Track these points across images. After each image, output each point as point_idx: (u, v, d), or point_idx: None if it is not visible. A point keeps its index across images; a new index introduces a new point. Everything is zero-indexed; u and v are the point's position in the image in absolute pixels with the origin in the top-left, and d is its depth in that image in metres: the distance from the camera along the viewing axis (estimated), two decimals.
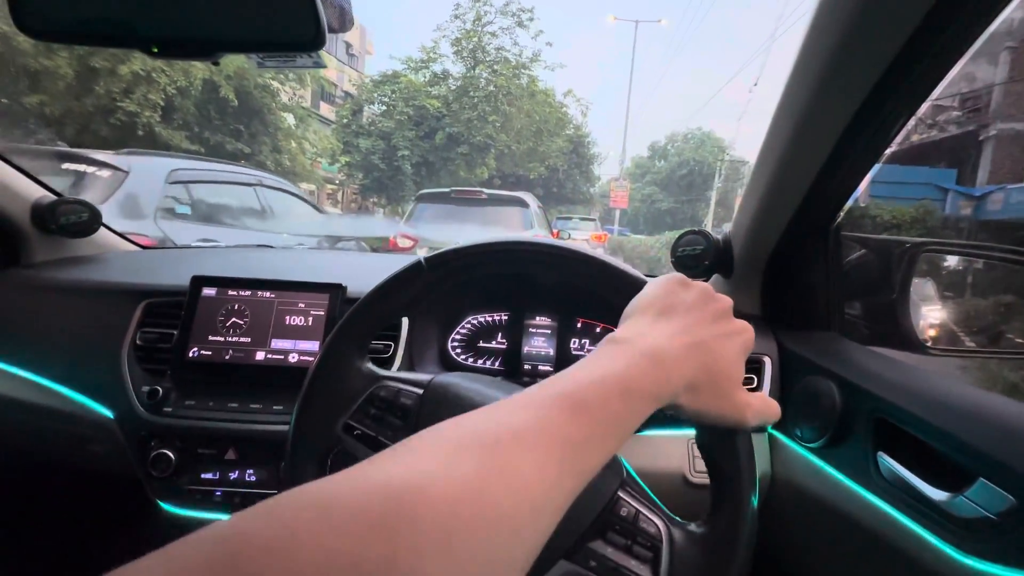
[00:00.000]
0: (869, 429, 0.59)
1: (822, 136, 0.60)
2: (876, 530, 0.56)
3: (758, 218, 0.75)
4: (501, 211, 5.00)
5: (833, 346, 0.74)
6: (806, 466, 0.67)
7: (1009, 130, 11.76)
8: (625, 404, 0.29)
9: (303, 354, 0.81)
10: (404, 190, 14.08)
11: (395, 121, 14.14)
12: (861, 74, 0.53)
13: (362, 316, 0.50)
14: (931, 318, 0.84)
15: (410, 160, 14.01)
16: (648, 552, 0.41)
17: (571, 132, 18.89)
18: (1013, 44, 11.66)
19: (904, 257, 0.72)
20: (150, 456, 0.75)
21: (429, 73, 14.77)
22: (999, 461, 0.45)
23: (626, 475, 0.45)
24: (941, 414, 0.52)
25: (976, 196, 11.59)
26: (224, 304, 0.82)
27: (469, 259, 0.50)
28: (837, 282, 0.77)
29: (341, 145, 14.85)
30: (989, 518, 0.44)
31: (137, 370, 0.81)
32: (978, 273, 0.87)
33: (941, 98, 12.72)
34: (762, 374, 0.77)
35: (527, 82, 14.60)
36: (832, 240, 0.75)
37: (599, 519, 0.42)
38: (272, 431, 0.76)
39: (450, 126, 13.95)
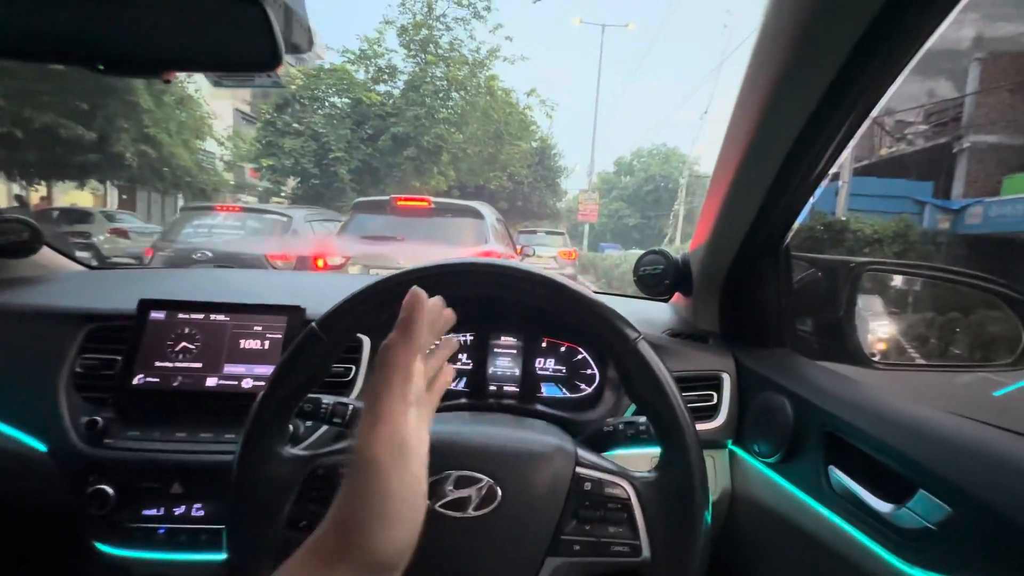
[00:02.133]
0: (820, 443, 0.61)
1: (766, 162, 0.64)
2: (828, 543, 0.58)
3: (713, 239, 0.79)
4: (451, 223, 4.33)
5: (786, 362, 0.77)
6: (764, 481, 0.70)
7: (982, 143, 12.31)
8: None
9: (258, 379, 0.78)
10: (344, 199, 11.72)
11: (324, 117, 12.15)
12: (799, 102, 0.56)
13: (271, 402, 0.47)
14: (878, 333, 0.90)
15: (347, 164, 12.00)
16: (622, 513, 0.45)
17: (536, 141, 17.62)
18: (982, 56, 12.44)
19: (849, 276, 0.77)
20: (87, 492, 0.71)
21: (373, 68, 12.72)
22: (937, 473, 0.47)
23: (578, 454, 0.49)
24: (884, 428, 0.55)
25: (954, 209, 12.06)
26: (174, 328, 0.79)
27: (361, 308, 0.48)
28: (789, 300, 0.81)
29: (259, 146, 12.56)
30: (929, 528, 0.46)
31: (76, 399, 0.76)
32: (919, 291, 0.94)
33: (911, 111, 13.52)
34: (721, 390, 0.80)
35: (485, 79, 12.73)
36: (782, 260, 0.79)
37: (568, 504, 0.45)
38: (222, 461, 0.72)
39: (395, 126, 11.90)
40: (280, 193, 13.80)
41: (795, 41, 0.50)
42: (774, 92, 0.56)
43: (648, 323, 0.94)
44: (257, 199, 16.34)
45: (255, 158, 12.92)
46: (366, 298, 0.48)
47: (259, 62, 0.58)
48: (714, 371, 0.81)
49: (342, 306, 0.48)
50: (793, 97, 0.56)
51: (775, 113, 0.58)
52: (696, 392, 0.80)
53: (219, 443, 0.74)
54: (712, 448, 0.78)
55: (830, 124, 0.58)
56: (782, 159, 0.63)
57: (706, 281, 0.87)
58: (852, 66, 0.50)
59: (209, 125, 10.83)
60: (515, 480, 0.47)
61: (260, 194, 15.17)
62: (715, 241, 0.79)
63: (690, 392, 0.79)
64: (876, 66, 0.50)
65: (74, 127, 7.56)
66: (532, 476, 0.47)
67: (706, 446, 0.77)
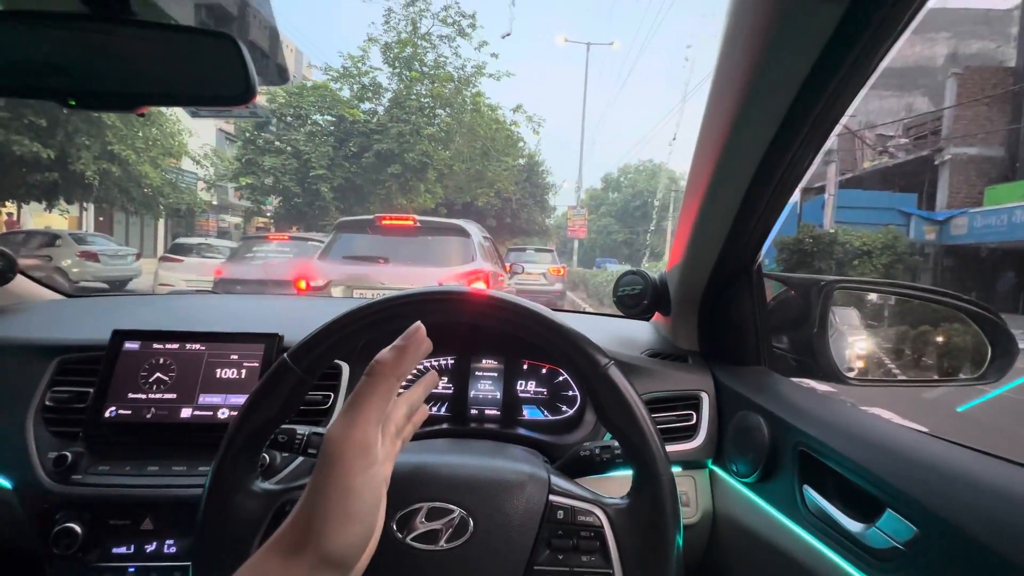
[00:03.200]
0: (795, 462, 0.63)
1: (733, 185, 0.67)
2: (804, 563, 0.59)
3: (687, 260, 0.81)
4: (437, 242, 4.24)
5: (762, 380, 0.79)
6: (743, 500, 0.71)
7: (963, 155, 12.75)
8: None
9: (233, 409, 0.78)
10: (327, 218, 11.96)
11: (306, 134, 12.07)
12: (760, 126, 0.58)
13: (241, 436, 0.47)
14: (851, 350, 0.93)
15: (330, 182, 12.00)
16: (594, 541, 0.46)
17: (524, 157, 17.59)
18: (958, 71, 12.92)
19: (820, 294, 0.80)
20: (52, 531, 0.69)
21: (357, 86, 12.73)
22: (902, 492, 0.48)
23: (552, 482, 0.50)
24: (853, 446, 0.56)
25: (939, 220, 12.42)
26: (147, 358, 0.79)
27: (329, 340, 0.48)
28: (763, 318, 0.84)
29: (239, 164, 12.42)
30: (897, 548, 0.47)
31: (44, 434, 0.75)
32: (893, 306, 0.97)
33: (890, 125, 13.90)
34: (700, 410, 0.81)
35: (471, 95, 12.76)
36: (755, 279, 0.82)
37: (540, 533, 0.46)
38: (195, 495, 0.71)
39: (379, 143, 11.86)
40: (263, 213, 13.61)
41: (754, 67, 0.52)
42: (736, 117, 0.58)
43: (629, 343, 0.96)
44: (241, 219, 16.19)
45: (234, 176, 12.69)
46: (341, 327, 0.49)
47: (233, 95, 0.59)
48: (693, 391, 0.83)
49: (314, 337, 0.48)
50: (754, 121, 0.58)
51: (738, 137, 0.61)
52: (676, 412, 0.81)
53: (193, 476, 0.74)
54: (692, 468, 0.80)
55: (792, 146, 0.60)
56: (748, 181, 0.65)
57: (683, 300, 0.89)
58: (809, 89, 0.52)
59: (182, 143, 10.47)
60: (487, 510, 0.48)
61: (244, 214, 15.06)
62: (689, 261, 0.82)
63: (670, 412, 0.81)
64: (834, 87, 0.52)
65: (30, 145, 7.17)
66: (504, 505, 0.48)
67: (686, 466, 0.79)
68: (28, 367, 0.79)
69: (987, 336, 0.77)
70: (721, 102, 0.59)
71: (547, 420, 0.89)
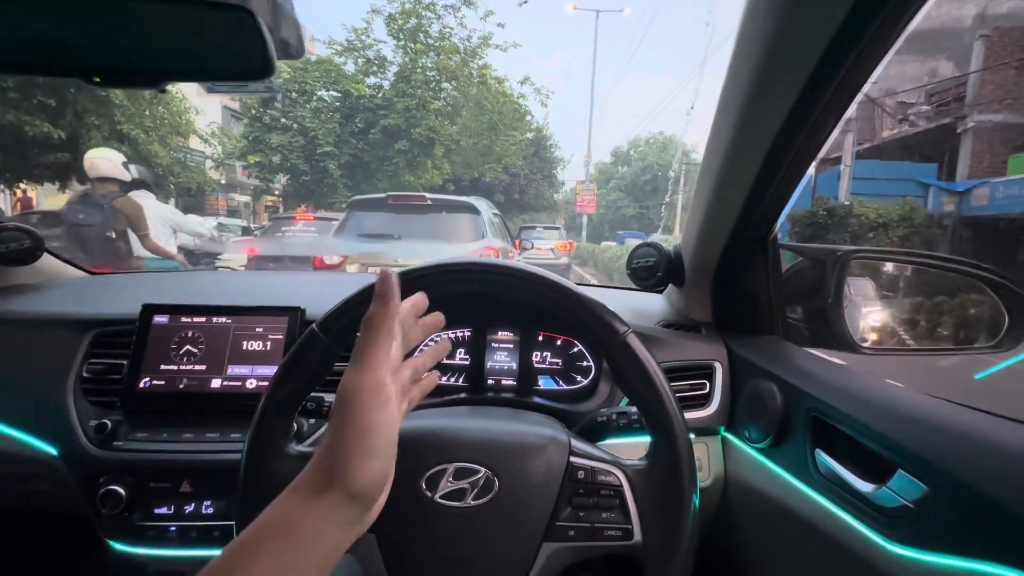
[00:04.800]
0: (807, 427, 0.65)
1: (751, 154, 0.66)
2: (815, 522, 0.61)
3: (703, 231, 0.82)
4: (448, 219, 4.36)
5: (775, 349, 0.80)
6: (755, 465, 0.73)
7: (987, 122, 12.09)
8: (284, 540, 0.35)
9: (261, 380, 0.81)
10: (336, 196, 11.90)
11: (312, 111, 11.80)
12: (780, 94, 0.58)
13: (273, 403, 0.50)
14: (866, 320, 0.93)
15: (337, 159, 11.78)
16: (614, 499, 0.48)
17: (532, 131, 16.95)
18: (986, 32, 12.15)
19: (836, 264, 0.80)
20: (99, 493, 0.74)
21: (362, 59, 12.38)
22: (914, 453, 0.50)
23: (572, 444, 0.52)
24: (866, 411, 0.58)
25: (959, 191, 11.87)
26: (177, 332, 0.82)
27: (361, 309, 0.48)
28: (778, 289, 0.85)
29: (246, 142, 12.18)
30: (907, 506, 0.49)
31: (84, 404, 0.79)
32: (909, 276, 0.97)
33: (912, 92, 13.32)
34: (713, 379, 0.83)
35: (477, 68, 12.40)
36: (770, 250, 0.82)
37: (562, 492, 0.49)
38: (230, 460, 0.75)
39: (386, 118, 11.61)
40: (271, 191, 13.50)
41: (775, 33, 0.52)
42: (756, 85, 0.58)
43: (642, 315, 0.97)
44: (250, 198, 16.17)
45: (242, 155, 12.56)
46: (365, 298, 0.50)
47: (252, 70, 0.60)
48: (707, 360, 0.84)
49: (341, 307, 0.50)
50: (775, 89, 0.58)
51: (758, 105, 0.60)
52: (689, 381, 0.83)
53: (226, 443, 0.77)
54: (706, 435, 0.82)
55: (812, 114, 0.59)
56: (766, 150, 0.65)
57: (697, 272, 0.90)
58: (831, 56, 0.52)
59: (189, 121, 10.25)
60: (511, 470, 0.50)
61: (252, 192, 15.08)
62: (705, 232, 0.82)
63: (683, 381, 0.83)
64: (855, 55, 0.51)
65: (41, 125, 7.13)
66: (528, 466, 0.50)
67: (700, 433, 0.82)
68: (65, 340, 0.82)
69: (1004, 304, 0.77)
70: (741, 70, 0.59)
71: (562, 390, 0.92)
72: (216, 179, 14.28)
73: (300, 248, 5.52)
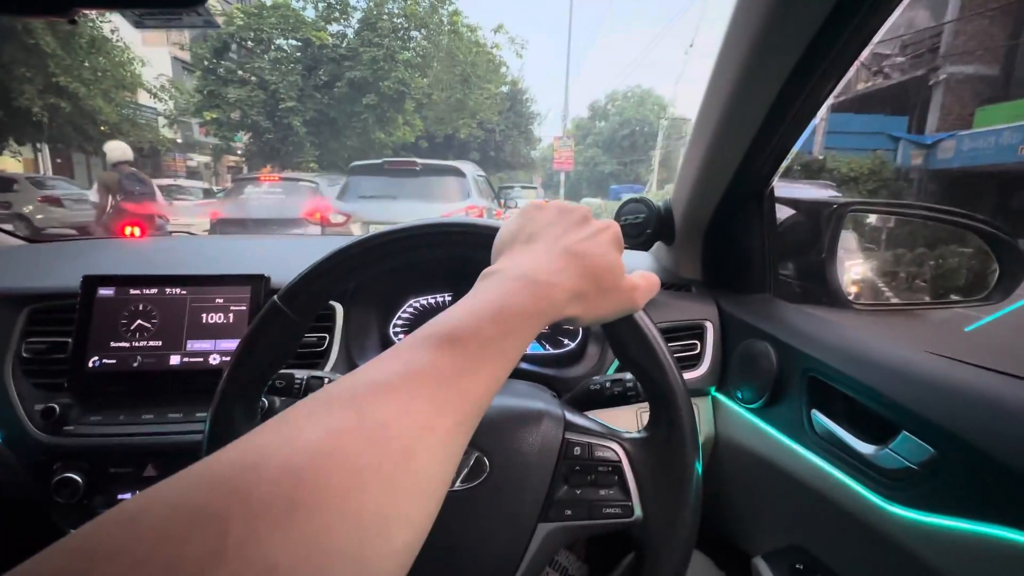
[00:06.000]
0: (803, 388, 0.63)
1: (756, 102, 0.62)
2: (811, 483, 0.61)
3: (696, 187, 0.77)
4: (437, 181, 4.98)
5: (768, 308, 0.78)
6: (747, 426, 0.72)
7: (958, 74, 12.18)
8: (500, 327, 0.29)
9: (225, 355, 0.75)
10: (302, 155, 11.43)
11: (271, 62, 11.01)
12: (791, 39, 0.54)
13: (235, 384, 0.46)
14: (857, 275, 0.92)
15: (302, 115, 11.09)
16: (612, 475, 0.45)
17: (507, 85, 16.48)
18: None
19: (831, 217, 0.77)
20: (53, 481, 0.69)
21: (323, 4, 11.59)
22: (920, 415, 0.49)
23: (567, 419, 0.49)
24: (867, 371, 0.56)
25: (927, 144, 12.01)
26: (126, 305, 0.75)
27: (325, 278, 0.46)
28: (772, 245, 0.82)
29: (201, 97, 11.27)
30: (911, 468, 0.48)
31: (26, 386, 0.73)
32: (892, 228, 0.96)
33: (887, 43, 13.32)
34: (704, 339, 0.81)
35: (448, 14, 11.75)
36: (767, 204, 0.79)
37: (557, 470, 0.46)
38: (195, 441, 0.71)
39: (351, 70, 10.98)
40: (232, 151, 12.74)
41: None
42: (764, 29, 0.53)
43: None
44: (209, 158, 15.31)
45: (197, 111, 11.67)
46: (331, 267, 0.45)
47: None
48: (697, 320, 0.82)
49: (305, 277, 0.45)
50: (785, 34, 0.53)
51: (766, 50, 0.56)
52: (680, 342, 0.81)
53: (191, 423, 0.73)
54: (696, 396, 0.80)
55: (823, 60, 0.56)
56: (771, 102, 0.61)
57: (689, 229, 0.86)
58: (841, 8, 0.49)
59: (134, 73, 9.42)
60: (503, 450, 0.47)
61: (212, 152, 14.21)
62: (699, 187, 0.78)
63: (674, 342, 0.80)
64: (866, 8, 0.49)
65: None
66: (520, 444, 0.47)
67: (691, 394, 0.80)
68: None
69: (996, 255, 0.76)
70: (745, 23, 0.54)
71: (549, 354, 0.89)
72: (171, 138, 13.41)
73: (267, 211, 5.42)
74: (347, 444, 0.21)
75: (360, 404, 0.23)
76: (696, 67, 8.97)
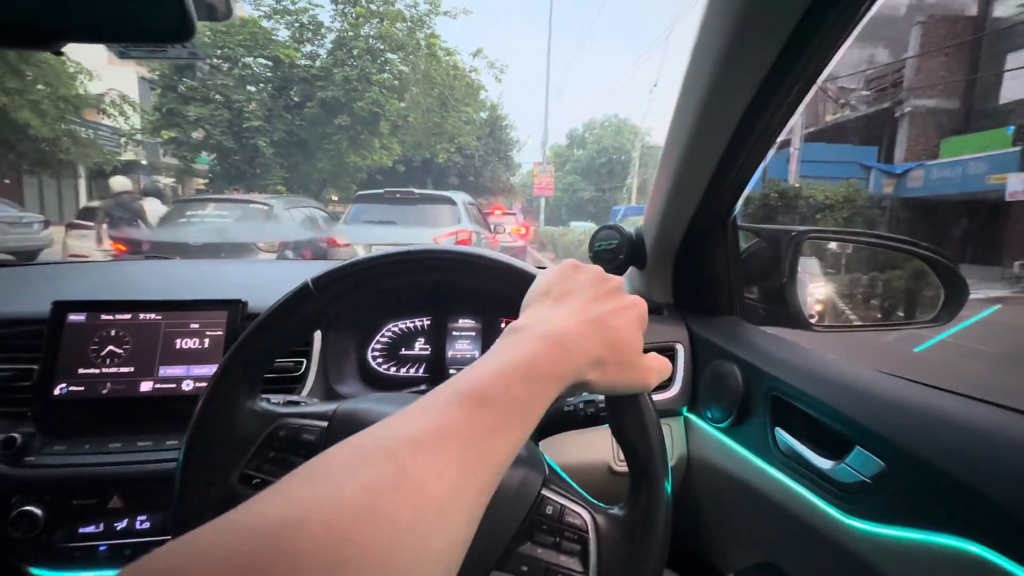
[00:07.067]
0: (767, 406, 0.68)
1: (716, 134, 0.68)
2: (776, 499, 0.65)
3: (665, 214, 0.84)
4: (432, 209, 5.81)
5: (735, 330, 0.84)
6: (716, 445, 0.77)
7: (922, 106, 13.23)
8: (527, 389, 0.30)
9: (199, 380, 0.77)
10: (270, 177, 11.15)
11: (235, 78, 10.78)
12: (747, 74, 0.60)
13: (248, 350, 0.47)
14: (816, 298, 1.00)
15: (269, 135, 10.86)
16: (576, 544, 0.45)
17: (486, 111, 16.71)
18: (923, 19, 13.19)
19: (791, 244, 0.85)
20: (10, 516, 0.68)
21: (295, 25, 11.44)
22: (871, 430, 0.53)
23: (548, 472, 0.49)
24: (824, 389, 0.61)
25: (897, 173, 12.92)
26: (97, 331, 0.76)
27: (359, 275, 0.48)
28: (736, 270, 0.89)
29: (159, 115, 10.85)
30: (865, 482, 0.52)
31: None
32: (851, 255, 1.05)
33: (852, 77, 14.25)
34: (675, 360, 0.86)
35: (425, 37, 11.85)
36: (731, 231, 0.86)
37: (526, 522, 0.45)
38: (166, 469, 0.71)
39: (323, 90, 10.90)
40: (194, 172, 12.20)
41: (742, 13, 0.53)
42: (722, 65, 0.59)
43: None
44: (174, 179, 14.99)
45: (154, 130, 11.21)
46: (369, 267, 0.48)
47: (167, 31, 0.53)
48: (669, 342, 0.87)
49: (341, 268, 0.48)
50: (741, 69, 0.59)
51: (724, 86, 0.62)
52: None
53: (160, 451, 0.73)
54: (668, 416, 0.85)
55: (777, 94, 0.62)
56: (730, 134, 0.67)
57: (659, 254, 0.93)
58: (798, 37, 0.54)
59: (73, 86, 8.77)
60: None
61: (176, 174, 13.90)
62: (667, 214, 0.85)
63: None
64: (821, 36, 0.54)
65: None
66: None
67: (663, 415, 0.85)
68: None
69: (941, 280, 0.84)
70: (706, 55, 0.60)
71: None
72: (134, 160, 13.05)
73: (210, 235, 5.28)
74: (387, 502, 0.21)
75: (398, 459, 0.23)
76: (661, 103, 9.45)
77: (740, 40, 0.56)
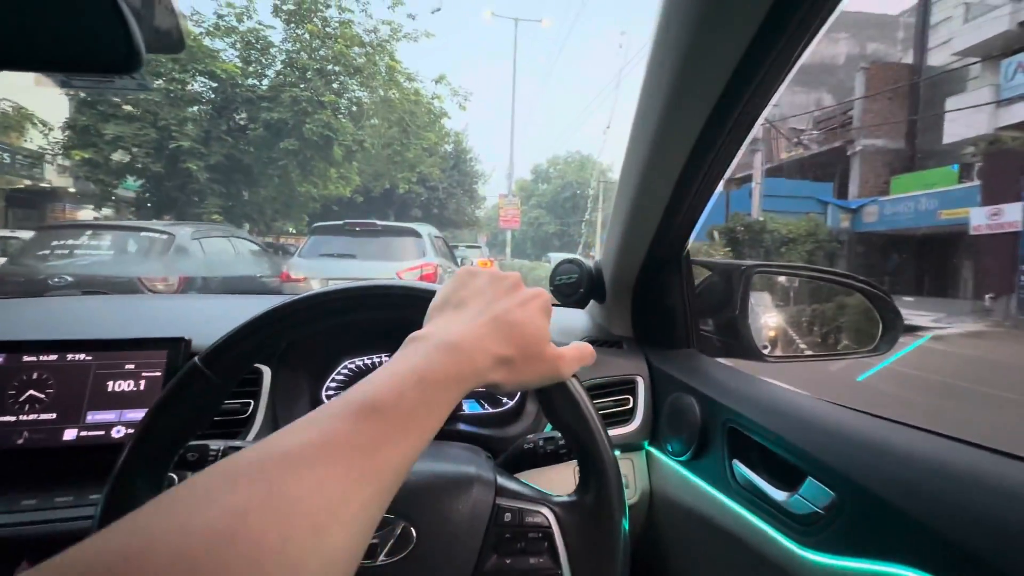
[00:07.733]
0: (724, 439, 0.70)
1: (665, 174, 0.72)
2: (735, 532, 0.66)
3: (621, 249, 0.88)
4: (395, 242, 5.54)
5: (692, 362, 0.87)
6: (677, 478, 0.78)
7: (871, 146, 14.52)
8: (422, 395, 0.30)
9: (131, 426, 0.74)
10: (205, 205, 10.19)
11: (165, 94, 9.64)
12: (690, 119, 0.64)
13: (143, 451, 0.44)
14: (767, 330, 1.05)
15: (204, 159, 9.88)
16: (542, 542, 0.46)
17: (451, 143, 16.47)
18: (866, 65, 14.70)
19: (741, 278, 0.90)
20: None
21: (240, 44, 10.63)
22: (821, 461, 0.55)
23: (498, 483, 0.50)
24: (775, 420, 0.63)
25: (852, 208, 13.92)
26: (17, 374, 0.72)
27: (249, 340, 0.46)
28: (692, 303, 0.93)
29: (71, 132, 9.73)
30: (818, 513, 0.54)
31: None
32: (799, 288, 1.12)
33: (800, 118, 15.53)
34: (636, 394, 0.88)
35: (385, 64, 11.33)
36: (684, 266, 0.91)
37: (487, 539, 0.46)
38: (86, 528, 0.67)
39: (269, 111, 10.03)
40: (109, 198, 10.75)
41: (683, 63, 0.57)
42: (667, 110, 0.63)
43: (565, 331, 1.01)
44: (114, 210, 14.23)
45: (64, 150, 10.14)
46: (255, 329, 0.46)
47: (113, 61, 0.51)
48: (629, 376, 0.89)
49: (228, 339, 0.46)
50: (685, 113, 0.63)
51: (669, 129, 0.66)
52: (613, 397, 0.87)
53: (82, 507, 0.69)
54: (630, 451, 0.86)
55: (719, 138, 0.66)
56: (679, 172, 0.71)
57: (617, 288, 0.96)
58: (736, 83, 0.57)
59: None
60: (430, 518, 0.47)
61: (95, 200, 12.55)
62: (623, 249, 0.88)
63: (608, 398, 0.87)
64: (757, 82, 0.57)
65: None
66: (450, 512, 0.48)
67: (625, 449, 0.86)
68: None
69: (879, 312, 0.91)
70: (654, 94, 0.64)
71: (488, 413, 0.93)
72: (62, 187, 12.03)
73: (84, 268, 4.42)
74: (251, 525, 0.20)
75: (268, 478, 0.22)
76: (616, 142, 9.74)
77: (682, 87, 0.60)
